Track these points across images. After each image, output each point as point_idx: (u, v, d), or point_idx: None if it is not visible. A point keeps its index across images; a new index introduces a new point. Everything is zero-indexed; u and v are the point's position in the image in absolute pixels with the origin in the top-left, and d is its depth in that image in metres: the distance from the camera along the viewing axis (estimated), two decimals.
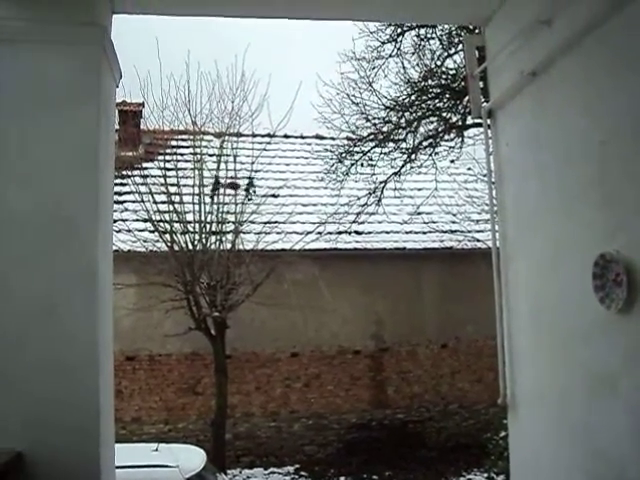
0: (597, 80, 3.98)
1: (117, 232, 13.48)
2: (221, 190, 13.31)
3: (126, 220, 14.11)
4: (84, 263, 4.11)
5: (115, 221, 14.02)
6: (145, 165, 14.82)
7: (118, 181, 14.85)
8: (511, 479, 5.19)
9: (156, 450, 8.93)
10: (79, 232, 4.12)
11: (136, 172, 14.12)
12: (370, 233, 15.94)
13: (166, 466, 8.30)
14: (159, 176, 13.55)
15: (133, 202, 14.02)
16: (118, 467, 6.23)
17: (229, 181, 13.94)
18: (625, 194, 3.73)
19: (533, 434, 4.79)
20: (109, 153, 4.77)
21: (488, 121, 5.45)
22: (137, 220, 13.88)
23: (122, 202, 14.94)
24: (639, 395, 3.61)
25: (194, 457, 9.07)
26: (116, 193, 14.98)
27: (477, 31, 6.26)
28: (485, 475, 13.28)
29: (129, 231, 13.58)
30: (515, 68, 4.82)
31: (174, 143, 14.85)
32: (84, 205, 4.15)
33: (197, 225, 13.08)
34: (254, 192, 15.03)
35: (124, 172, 14.31)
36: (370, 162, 13.50)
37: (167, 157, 14.07)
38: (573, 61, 4.20)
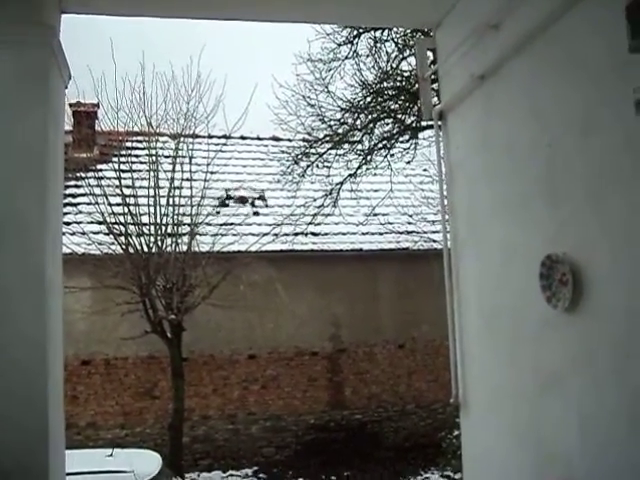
0: (544, 83, 4.05)
1: (71, 235, 13.32)
2: (176, 192, 13.18)
3: (80, 222, 13.91)
4: (31, 265, 4.05)
5: (69, 223, 13.88)
6: (100, 167, 14.61)
7: (72, 183, 14.69)
8: (464, 476, 5.25)
9: (110, 455, 8.82)
10: (26, 234, 4.06)
11: (90, 174, 13.93)
12: (327, 234, 15.97)
13: (121, 471, 8.20)
14: (114, 178, 13.38)
15: (87, 204, 13.84)
16: (71, 474, 6.16)
17: (238, 195, 14.16)
18: (570, 196, 3.80)
19: (484, 432, 4.85)
20: (58, 155, 4.71)
21: (439, 123, 5.51)
22: (92, 222, 13.67)
23: (76, 204, 14.75)
24: (585, 393, 3.68)
25: (149, 462, 8.97)
26: (70, 195, 14.93)
27: (431, 34, 6.32)
28: (442, 473, 13.42)
29: (83, 234, 13.40)
30: (465, 71, 4.88)
31: (129, 144, 14.67)
32: (31, 207, 4.09)
33: (153, 227, 12.95)
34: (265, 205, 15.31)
35: (78, 174, 14.14)
36: (326, 164, 13.52)
37: (122, 159, 13.88)
38: (520, 64, 4.27)
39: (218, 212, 14.58)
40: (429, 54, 6.24)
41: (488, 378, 4.82)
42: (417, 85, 11.44)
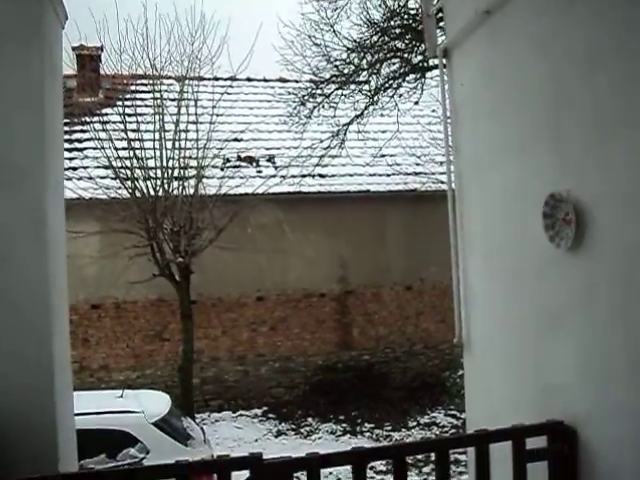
0: (549, 17, 3.96)
1: (78, 180, 13.33)
2: (182, 135, 13.08)
3: (87, 167, 13.89)
4: (32, 210, 4.04)
5: (75, 168, 13.88)
6: (105, 111, 14.50)
7: (78, 128, 14.61)
8: (466, 414, 5.31)
9: (121, 397, 8.94)
10: (26, 179, 4.03)
11: (96, 118, 13.83)
12: (334, 176, 15.87)
13: (131, 412, 8.33)
14: (119, 122, 13.29)
15: (94, 149, 13.78)
16: (82, 414, 6.27)
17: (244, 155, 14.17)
18: (575, 134, 3.75)
19: (486, 371, 4.89)
20: (56, 96, 4.65)
21: (444, 61, 5.41)
22: (98, 167, 13.64)
23: (82, 149, 14.70)
24: (585, 331, 3.70)
25: (159, 402, 9.10)
26: (76, 140, 14.87)
27: None
28: (449, 413, 13.61)
29: (90, 178, 13.38)
30: (470, 6, 4.77)
31: (133, 88, 14.53)
32: (30, 152, 4.05)
33: (159, 171, 12.91)
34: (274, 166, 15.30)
35: (84, 119, 14.04)
36: (332, 104, 13.37)
37: (127, 102, 13.76)
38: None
39: (224, 166, 14.49)
40: None
41: (491, 317, 4.84)
42: (423, 23, 11.35)
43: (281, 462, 3.27)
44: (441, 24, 6.36)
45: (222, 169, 14.32)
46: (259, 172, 15.34)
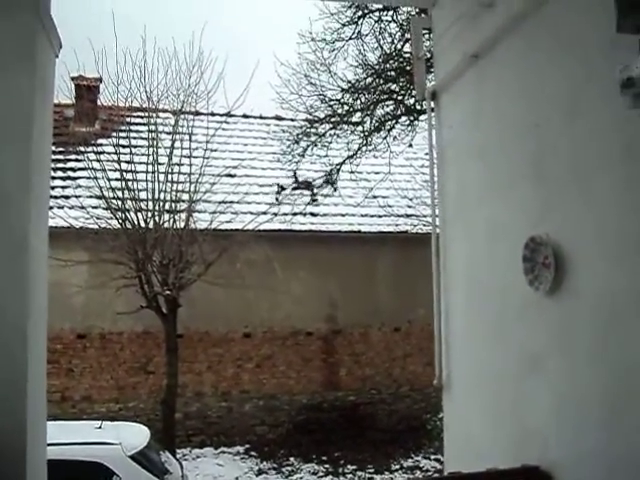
0: (534, 63, 4.03)
1: (70, 208, 13.33)
2: (175, 169, 13.14)
3: (79, 197, 13.92)
4: (14, 235, 4.02)
5: (68, 197, 13.91)
6: (100, 141, 14.57)
7: (73, 157, 14.67)
8: (445, 457, 5.26)
9: (99, 427, 8.85)
10: (9, 205, 4.02)
11: (90, 148, 13.89)
12: (325, 215, 15.94)
13: (108, 443, 8.24)
14: (113, 153, 13.35)
15: (87, 178, 13.80)
16: (58, 444, 6.19)
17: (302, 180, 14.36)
18: (556, 177, 3.79)
19: (465, 413, 4.86)
20: (45, 125, 4.66)
21: (432, 103, 5.47)
22: (90, 197, 13.66)
23: (76, 178, 14.76)
24: (563, 375, 3.69)
25: (137, 435, 9.00)
26: (70, 169, 14.92)
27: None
28: (433, 457, 13.47)
29: (82, 208, 13.38)
30: (459, 50, 4.84)
31: (129, 120, 14.61)
32: (16, 182, 4.04)
33: (150, 203, 12.92)
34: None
35: (79, 148, 14.11)
36: (325, 144, 13.47)
37: (122, 134, 13.83)
38: (512, 44, 4.25)
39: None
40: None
41: (471, 359, 4.83)
42: (413, 66, 11.50)
43: None
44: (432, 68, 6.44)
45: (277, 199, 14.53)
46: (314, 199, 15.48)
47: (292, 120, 14.79)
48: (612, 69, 3.10)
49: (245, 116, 18.75)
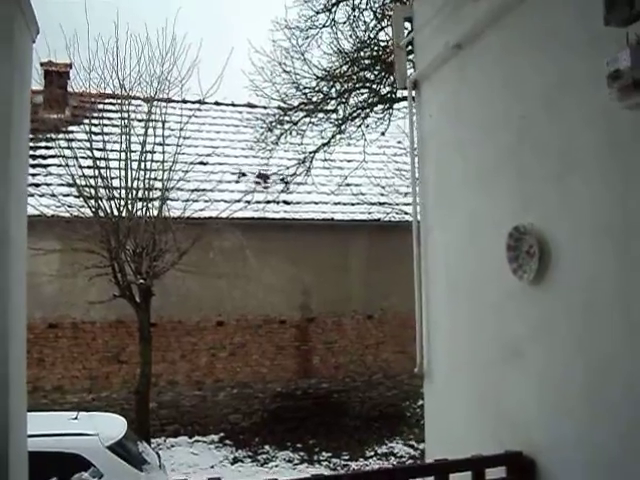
0: (518, 55, 4.05)
1: (40, 196, 13.16)
2: (148, 156, 13.02)
3: (50, 184, 13.74)
4: None
5: (38, 185, 13.72)
6: (71, 128, 14.36)
7: (42, 144, 14.46)
8: (426, 444, 5.30)
9: (75, 419, 8.77)
10: None
11: (61, 135, 13.70)
12: (298, 203, 15.93)
13: (85, 434, 8.18)
14: (85, 140, 13.19)
15: (58, 166, 13.62)
16: (33, 435, 6.12)
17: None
18: (539, 168, 3.82)
19: (446, 401, 4.90)
20: (23, 112, 4.58)
21: (413, 92, 5.48)
22: (62, 184, 13.50)
23: (46, 166, 14.55)
24: (545, 364, 3.74)
25: (115, 425, 8.95)
26: (40, 156, 14.70)
27: (408, 2, 6.26)
28: (407, 443, 13.59)
29: (53, 195, 13.22)
30: (441, 40, 4.85)
31: (101, 107, 14.43)
32: None
33: (123, 191, 12.81)
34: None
35: (49, 135, 13.91)
36: (300, 132, 13.44)
37: (94, 121, 13.66)
38: (496, 35, 4.26)
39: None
40: (406, 24, 6.18)
41: (452, 348, 4.87)
42: (393, 55, 11.50)
43: None
44: (411, 57, 6.44)
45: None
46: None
47: (264, 108, 14.72)
48: (597, 62, 3.14)
49: (217, 103, 18.64)
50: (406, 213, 14.94)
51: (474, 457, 3.74)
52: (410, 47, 5.88)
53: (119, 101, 13.59)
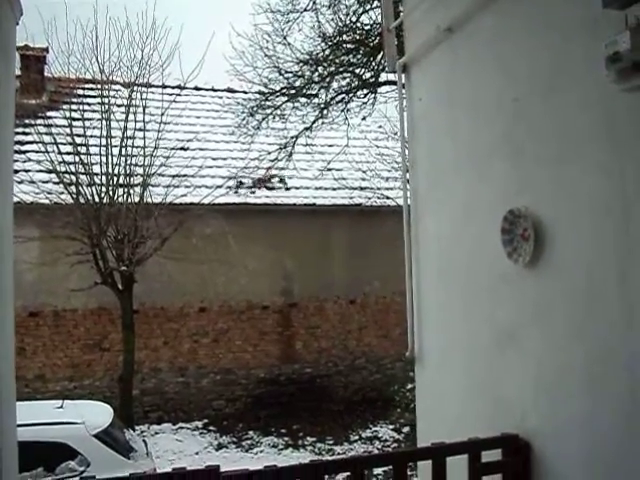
0: (512, 37, 4.02)
1: (19, 183, 12.97)
2: (129, 142, 12.89)
3: (29, 171, 13.57)
4: None
5: (17, 171, 13.52)
6: (49, 114, 14.18)
7: (20, 130, 14.25)
8: (417, 428, 5.31)
9: (61, 407, 8.70)
10: None
11: (40, 121, 13.53)
12: (280, 188, 15.87)
13: (71, 423, 8.12)
14: (64, 126, 13.03)
15: (36, 152, 13.45)
16: (20, 425, 6.05)
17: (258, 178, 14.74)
18: (534, 152, 3.81)
19: (439, 385, 4.91)
20: (9, 97, 4.49)
21: (402, 76, 5.44)
22: (41, 171, 13.36)
23: (24, 152, 14.34)
24: (542, 344, 3.74)
25: (101, 413, 8.89)
26: (18, 142, 14.47)
27: None
28: (391, 427, 13.65)
29: (32, 182, 13.06)
30: (431, 23, 4.81)
31: (81, 92, 14.25)
32: None
33: (104, 177, 12.69)
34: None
35: (27, 120, 13.72)
36: (282, 116, 13.37)
37: (73, 106, 13.50)
38: (488, 18, 4.23)
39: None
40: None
41: (445, 331, 4.86)
42: (377, 39, 11.46)
43: (239, 475, 3.21)
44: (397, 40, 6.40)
45: (236, 192, 14.83)
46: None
47: (245, 93, 14.63)
48: (594, 44, 3.13)
49: (197, 88, 18.51)
50: (388, 197, 14.97)
51: (471, 440, 3.75)
52: (397, 30, 5.83)
53: (99, 86, 13.45)
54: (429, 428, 5.03)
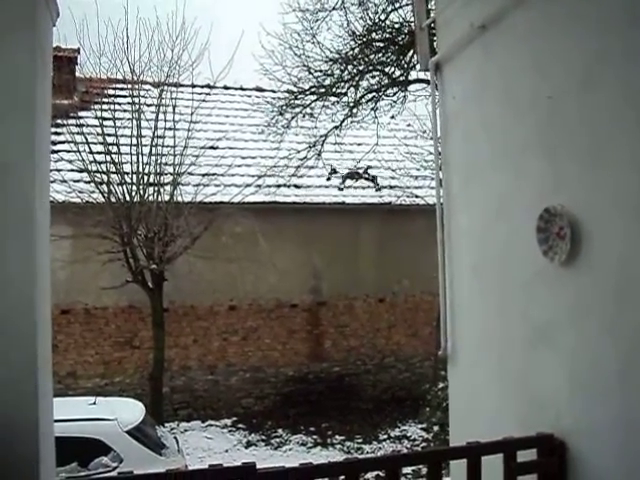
0: (546, 35, 3.98)
1: (52, 182, 13.10)
2: (159, 141, 12.99)
3: (61, 170, 13.71)
4: (21, 211, 3.94)
5: (49, 171, 13.67)
6: (81, 114, 14.33)
7: (52, 130, 14.38)
8: (450, 428, 5.29)
9: (94, 404, 8.81)
10: (15, 179, 3.93)
11: (71, 121, 13.68)
12: (309, 187, 15.89)
13: (105, 419, 8.21)
14: (96, 125, 13.17)
15: (68, 152, 13.60)
16: (56, 421, 6.13)
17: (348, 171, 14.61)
18: (569, 149, 3.77)
19: (472, 384, 4.88)
20: (46, 96, 4.55)
21: (435, 74, 5.42)
22: (72, 170, 13.50)
23: (57, 152, 14.50)
24: (577, 346, 3.71)
25: (133, 410, 8.99)
26: (50, 142, 14.64)
27: None
28: (420, 426, 13.60)
29: (64, 181, 13.21)
30: (465, 21, 4.78)
31: (111, 92, 14.39)
32: (20, 151, 3.95)
33: (135, 176, 12.80)
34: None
35: (59, 120, 13.88)
36: (311, 115, 13.38)
37: (104, 106, 13.64)
38: (523, 16, 4.20)
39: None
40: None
41: (478, 331, 4.84)
42: (406, 38, 11.42)
43: (275, 472, 3.23)
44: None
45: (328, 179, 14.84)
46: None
47: (273, 92, 14.67)
48: (636, 39, 3.10)
49: (226, 87, 18.58)
50: (417, 196, 14.92)
51: (506, 439, 3.73)
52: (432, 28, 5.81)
53: (129, 86, 13.56)
54: (462, 427, 5.01)
